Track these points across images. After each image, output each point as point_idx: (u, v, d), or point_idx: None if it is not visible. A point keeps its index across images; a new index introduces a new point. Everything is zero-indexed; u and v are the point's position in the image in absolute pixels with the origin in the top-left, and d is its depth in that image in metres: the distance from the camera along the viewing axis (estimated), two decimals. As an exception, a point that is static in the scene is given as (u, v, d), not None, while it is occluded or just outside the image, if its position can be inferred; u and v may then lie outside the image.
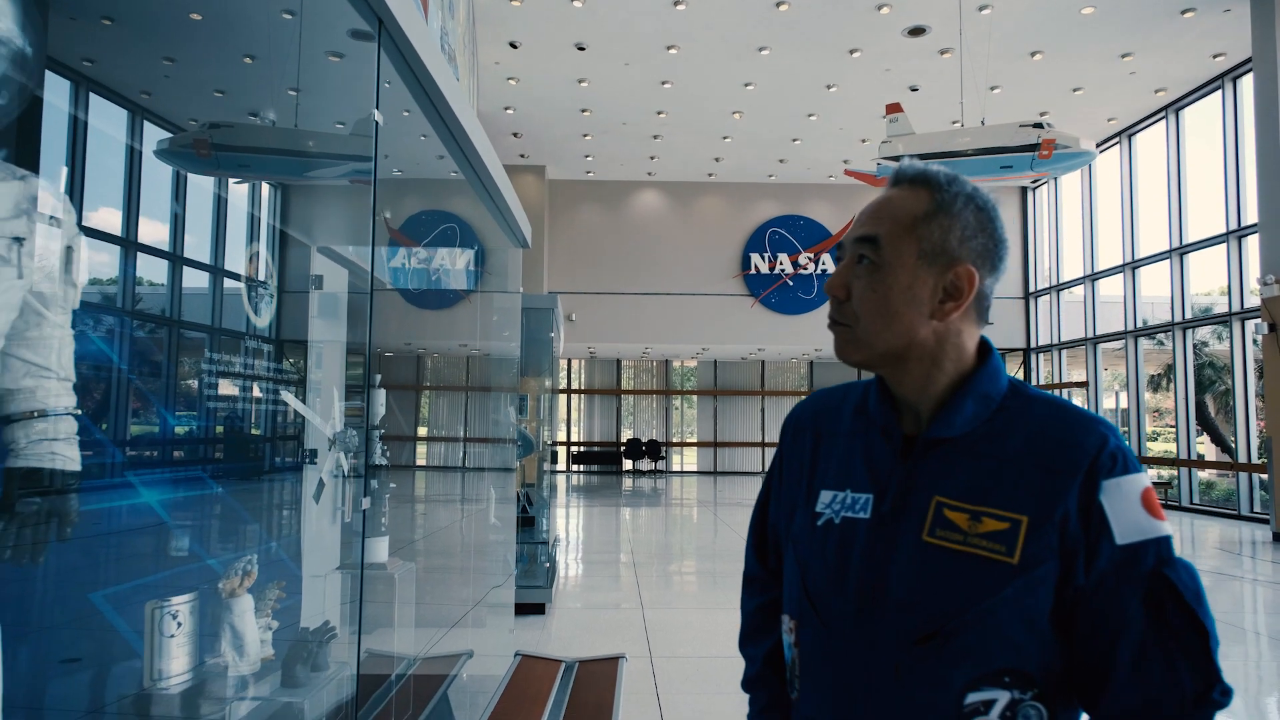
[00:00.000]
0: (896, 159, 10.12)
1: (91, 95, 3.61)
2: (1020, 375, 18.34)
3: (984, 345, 1.00)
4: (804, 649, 1.00)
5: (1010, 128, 9.44)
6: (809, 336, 17.82)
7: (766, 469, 1.05)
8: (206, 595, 2.26)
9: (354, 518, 3.62)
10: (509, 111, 14.43)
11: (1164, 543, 0.87)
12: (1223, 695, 0.84)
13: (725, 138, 15.53)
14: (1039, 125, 9.19)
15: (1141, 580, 0.85)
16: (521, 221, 3.88)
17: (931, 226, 0.94)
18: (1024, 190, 17.82)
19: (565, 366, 21.40)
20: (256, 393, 3.57)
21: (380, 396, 3.57)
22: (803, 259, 17.83)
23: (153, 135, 3.93)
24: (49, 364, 1.39)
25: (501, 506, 6.91)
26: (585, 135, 15.60)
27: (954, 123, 12.54)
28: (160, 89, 4.19)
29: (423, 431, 19.95)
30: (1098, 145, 15.39)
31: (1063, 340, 16.84)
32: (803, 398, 1.16)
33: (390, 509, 3.99)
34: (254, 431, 3.63)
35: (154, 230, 4.19)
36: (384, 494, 3.83)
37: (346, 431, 3.64)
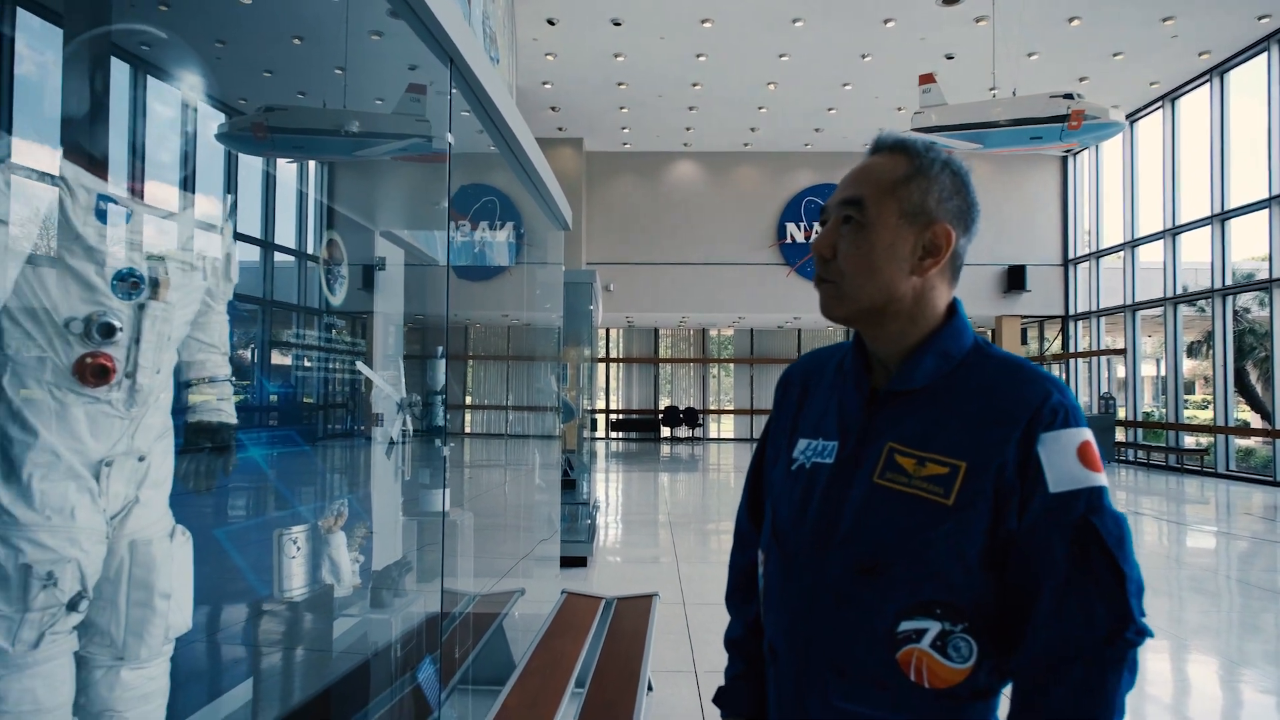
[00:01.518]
0: (929, 129, 10.24)
1: (149, 79, 3.99)
2: (1059, 344, 18.31)
3: (952, 305, 1.06)
4: (769, 579, 1.09)
5: (1041, 98, 9.50)
6: (844, 305, 17.95)
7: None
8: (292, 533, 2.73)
9: (417, 473, 4.11)
10: (546, 86, 14.72)
11: (1095, 492, 0.92)
12: (1136, 635, 0.89)
13: (761, 108, 15.66)
14: (1069, 96, 9.24)
15: (1069, 526, 0.91)
16: (562, 205, 4.27)
17: (911, 188, 1.01)
18: (1064, 157, 17.64)
19: (604, 336, 21.84)
20: (334, 363, 4.04)
21: (441, 366, 4.01)
22: (838, 228, 17.90)
23: (206, 116, 4.28)
24: (215, 342, 1.84)
25: (545, 470, 7.41)
26: (621, 108, 15.84)
27: (990, 90, 12.54)
28: (212, 70, 4.61)
29: (469, 400, 20.61)
30: (1139, 110, 15.21)
31: (1101, 308, 16.77)
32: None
33: (447, 467, 4.46)
34: (333, 397, 4.10)
35: (243, 216, 4.60)
36: (444, 452, 4.29)
37: (411, 397, 4.09)
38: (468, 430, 20.61)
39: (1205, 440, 13.94)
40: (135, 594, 1.64)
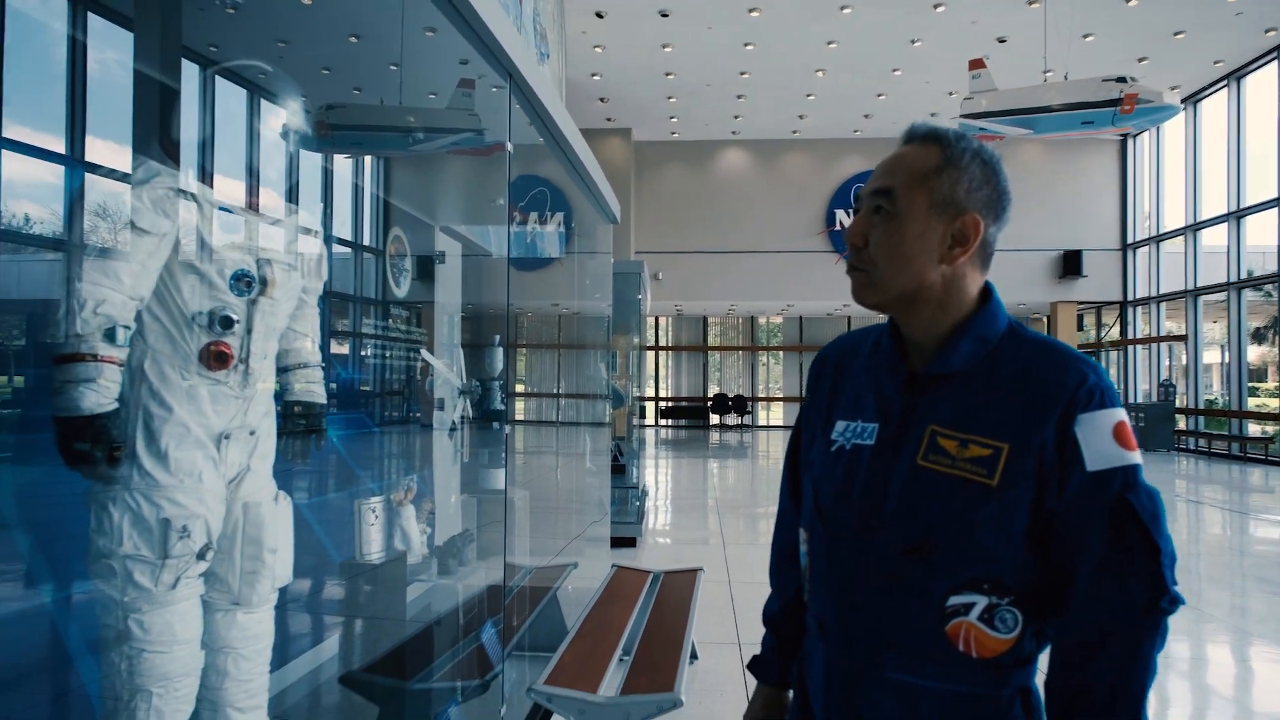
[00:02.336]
0: (978, 115, 10.16)
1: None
2: (1116, 330, 17.92)
3: (986, 290, 1.08)
4: (814, 558, 1.12)
5: (1093, 82, 9.35)
6: (894, 292, 17.85)
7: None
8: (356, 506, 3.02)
9: (477, 454, 4.38)
10: (596, 78, 14.93)
11: (1131, 470, 0.95)
12: (1170, 604, 0.93)
13: (809, 95, 15.63)
14: (1122, 79, 9.09)
15: (1106, 503, 0.94)
16: (610, 200, 4.48)
17: (941, 179, 1.02)
18: (1123, 139, 17.21)
19: (653, 324, 22.06)
20: (399, 351, 4.33)
21: (499, 354, 4.27)
22: (888, 214, 17.78)
23: (268, 113, 4.50)
24: (308, 332, 2.11)
25: (595, 456, 7.67)
26: (670, 98, 15.97)
27: (1045, 73, 12.35)
28: (275, 69, 4.82)
29: (521, 387, 21.04)
30: (1203, 89, 14.76)
31: (1162, 293, 16.37)
32: None
33: (507, 447, 4.73)
34: (398, 383, 4.39)
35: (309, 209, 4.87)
36: (502, 433, 4.56)
37: (471, 383, 4.37)
38: (520, 417, 21.08)
39: (1272, 428, 13.56)
40: (248, 549, 1.92)
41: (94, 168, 3.45)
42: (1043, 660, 1.03)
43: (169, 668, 1.72)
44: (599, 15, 12.44)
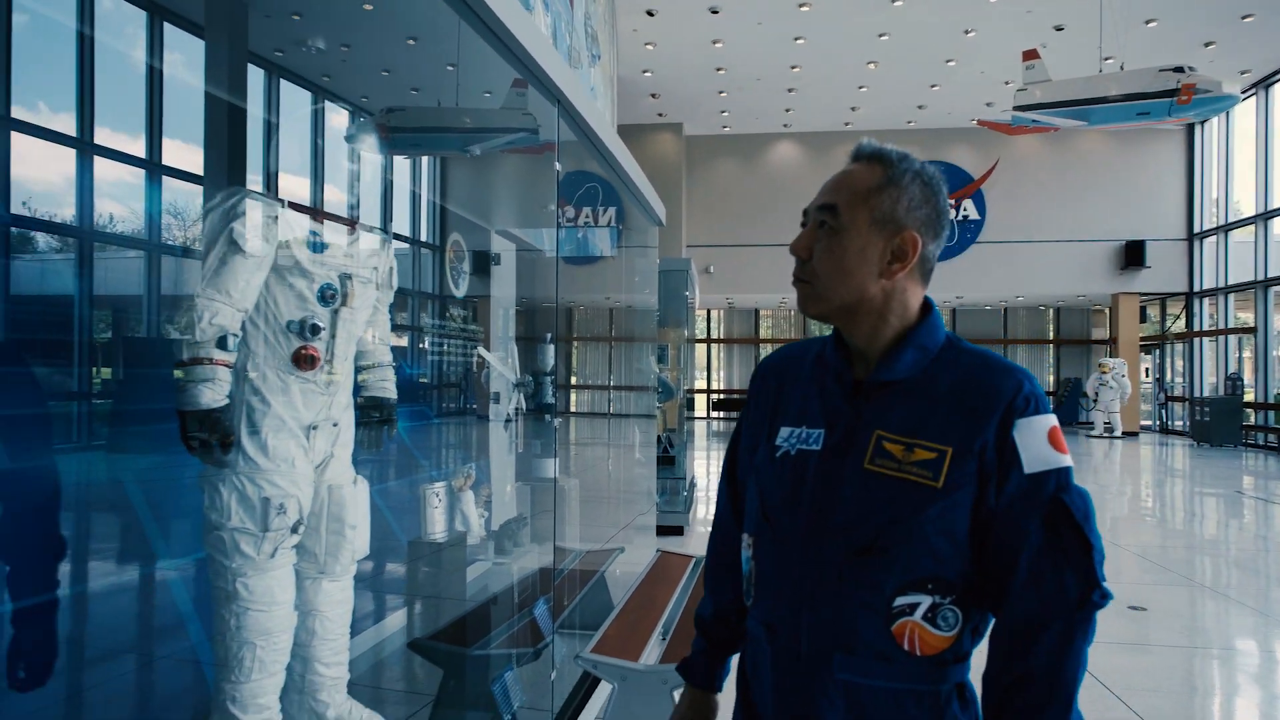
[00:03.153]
0: (1031, 107, 10.05)
1: (282, 81, 4.47)
2: (1181, 322, 17.43)
3: (926, 303, 1.13)
4: (760, 562, 1.13)
5: (1149, 72, 9.17)
6: (948, 284, 17.68)
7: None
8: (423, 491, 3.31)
9: (530, 444, 4.66)
10: (647, 74, 15.13)
11: (1064, 472, 1.01)
12: (1101, 598, 0.98)
13: (861, 87, 15.57)
14: (1179, 69, 8.90)
15: (1042, 504, 0.99)
16: (656, 206, 4.70)
17: (882, 197, 1.06)
18: (1191, 126, 16.69)
19: (704, 317, 22.20)
20: (458, 346, 4.63)
21: (550, 350, 4.54)
22: (942, 206, 17.60)
23: (331, 113, 4.69)
24: (381, 336, 2.39)
25: (644, 448, 7.92)
26: (720, 92, 16.08)
27: (1107, 60, 12.10)
28: (337, 72, 4.82)
29: (573, 380, 21.42)
30: (1273, 74, 14.25)
31: (1230, 284, 15.88)
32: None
33: (556, 439, 5.00)
34: (457, 378, 4.69)
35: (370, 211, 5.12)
36: (553, 425, 4.83)
37: (524, 378, 4.64)
38: (572, 409, 21.47)
39: (1344, 425, 13.10)
40: (331, 525, 2.21)
41: (169, 170, 3.80)
42: (979, 656, 1.08)
43: (269, 624, 2.02)
44: (650, 13, 12.63)
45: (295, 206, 2.03)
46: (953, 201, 17.60)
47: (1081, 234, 17.14)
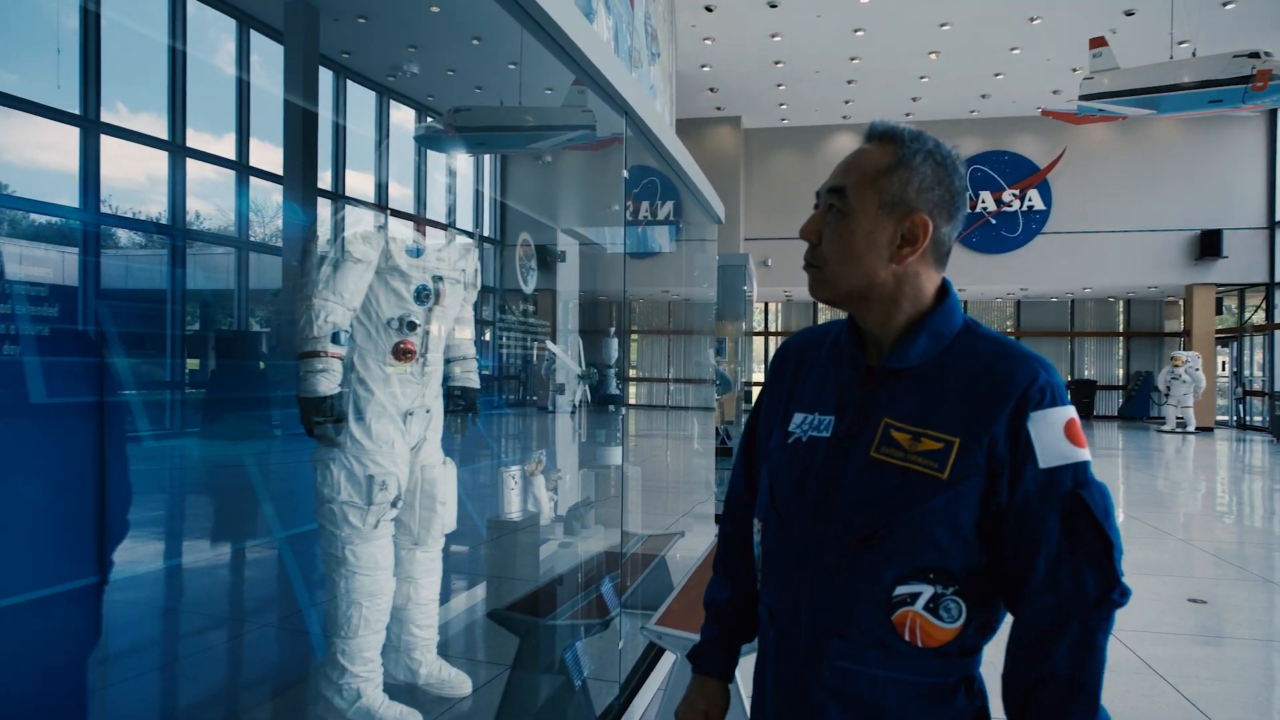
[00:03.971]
0: (1098, 96, 9.86)
1: (349, 82, 4.68)
2: (1262, 315, 16.78)
3: (943, 287, 1.09)
4: (767, 548, 1.12)
5: (1223, 59, 8.89)
6: (1014, 275, 17.37)
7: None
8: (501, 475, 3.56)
9: (594, 433, 4.89)
10: (705, 69, 15.23)
11: (1081, 467, 0.96)
12: (1121, 596, 0.95)
13: (922, 77, 15.39)
14: (1255, 55, 8.61)
15: (1059, 499, 0.95)
16: (715, 204, 4.88)
17: (892, 179, 1.03)
18: (1273, 111, 16.02)
19: (762, 310, 22.21)
20: (525, 339, 4.87)
21: (614, 344, 4.76)
22: (1007, 196, 17.28)
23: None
24: (468, 331, 2.63)
25: (702, 439, 8.10)
26: (779, 85, 16.07)
27: (1181, 44, 11.75)
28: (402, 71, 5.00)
29: (633, 372, 21.67)
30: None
31: (1314, 274, 15.24)
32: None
33: (622, 427, 5.22)
34: (527, 369, 4.94)
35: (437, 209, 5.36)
36: (617, 415, 5.06)
37: (588, 370, 4.88)
38: (632, 401, 21.73)
39: None
40: (424, 501, 2.46)
41: (254, 170, 4.09)
42: (991, 652, 1.06)
43: (373, 587, 2.28)
44: (708, 9, 12.73)
45: (395, 213, 2.28)
46: (1017, 192, 17.27)
47: (1153, 223, 16.63)
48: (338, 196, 4.46)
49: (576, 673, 2.94)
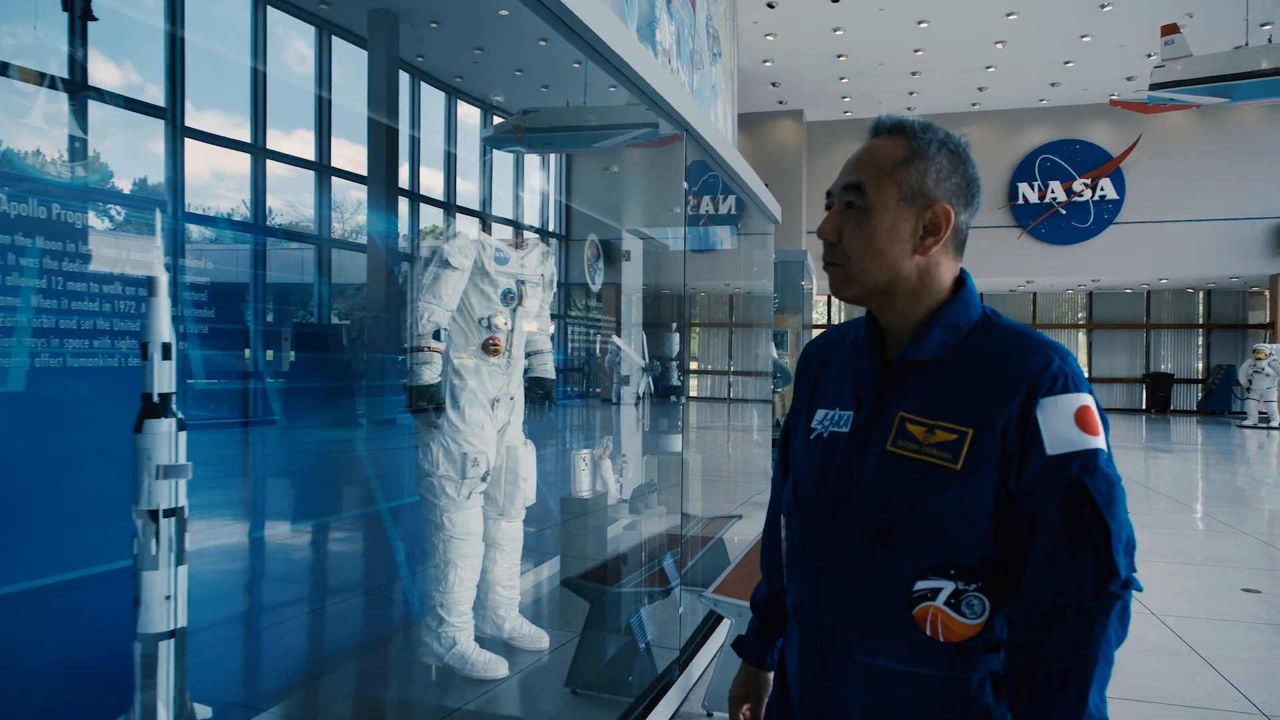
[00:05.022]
0: (1170, 85, 9.67)
1: (421, 84, 4.97)
2: (1353, 304, 16.06)
3: (960, 278, 1.08)
4: (791, 543, 1.14)
5: (1302, 44, 8.63)
6: (1085, 267, 17.01)
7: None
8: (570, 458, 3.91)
9: (657, 421, 5.20)
10: (767, 64, 15.34)
11: (1090, 455, 0.94)
12: (1121, 588, 0.92)
13: (989, 67, 15.20)
14: (1335, 40, 8.34)
15: (1062, 486, 0.94)
16: (771, 205, 5.13)
17: (909, 170, 1.03)
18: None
19: (824, 303, 22.18)
20: (590, 333, 5.21)
21: (676, 338, 5.06)
22: (1078, 185, 16.91)
23: (464, 112, 5.10)
24: (544, 328, 2.98)
25: (761, 431, 8.35)
26: (842, 78, 16.07)
27: (1263, 25, 11.39)
28: (470, 73, 5.31)
29: (694, 365, 21.93)
30: None
31: None
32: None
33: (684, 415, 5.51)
34: (593, 362, 5.28)
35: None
36: (678, 404, 5.36)
37: (651, 362, 5.19)
38: (693, 393, 21.99)
39: None
40: (508, 477, 2.82)
41: (337, 172, 4.43)
42: None
43: (466, 550, 2.65)
44: (770, 5, 12.87)
45: (484, 221, 2.63)
46: (1088, 181, 16.89)
47: (1235, 211, 16.07)
48: (414, 196, 4.84)
49: (641, 636, 3.26)
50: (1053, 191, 17.04)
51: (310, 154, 4.74)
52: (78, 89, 1.98)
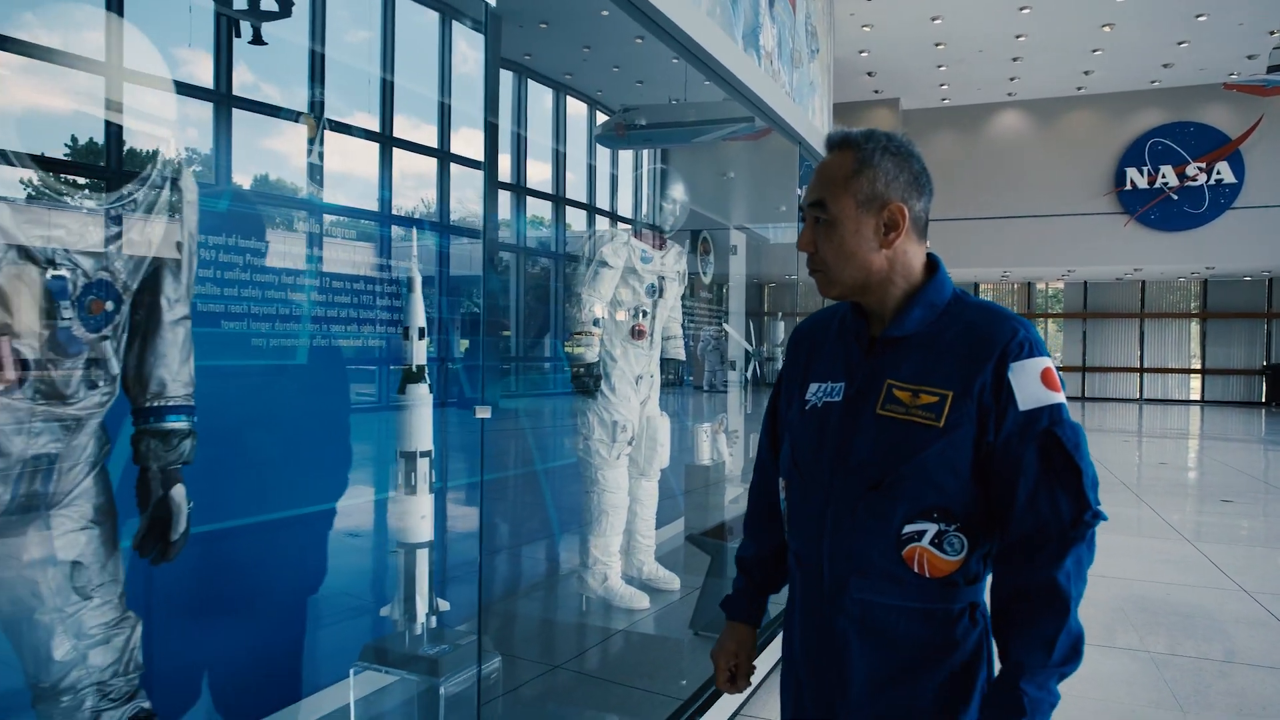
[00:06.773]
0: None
1: (529, 82, 5.29)
2: None
3: (931, 263, 1.22)
4: (791, 502, 1.27)
5: None
6: (1198, 254, 16.35)
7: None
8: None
9: (759, 404, 5.62)
10: (863, 54, 15.38)
11: (1056, 408, 1.09)
12: (1093, 518, 1.08)
13: (1095, 50, 14.82)
14: None
15: (1036, 436, 1.08)
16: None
17: (860, 180, 1.15)
18: None
19: (919, 291, 21.90)
20: (706, 323, 5.65)
21: (780, 326, 5.46)
22: (1191, 169, 16.26)
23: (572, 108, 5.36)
24: (676, 316, 3.47)
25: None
26: (939, 66, 15.95)
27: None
28: (578, 70, 5.64)
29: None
30: None
31: None
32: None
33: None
34: (704, 348, 5.72)
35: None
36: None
37: (758, 348, 5.61)
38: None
39: None
40: (648, 442, 3.34)
41: (457, 159, 4.73)
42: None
43: (615, 501, 3.18)
44: (867, -3, 12.97)
45: (630, 224, 3.14)
46: (1203, 164, 16.22)
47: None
48: (519, 189, 5.20)
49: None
50: (1164, 176, 16.43)
51: (478, 155, 5.05)
52: (319, 122, 2.49)
